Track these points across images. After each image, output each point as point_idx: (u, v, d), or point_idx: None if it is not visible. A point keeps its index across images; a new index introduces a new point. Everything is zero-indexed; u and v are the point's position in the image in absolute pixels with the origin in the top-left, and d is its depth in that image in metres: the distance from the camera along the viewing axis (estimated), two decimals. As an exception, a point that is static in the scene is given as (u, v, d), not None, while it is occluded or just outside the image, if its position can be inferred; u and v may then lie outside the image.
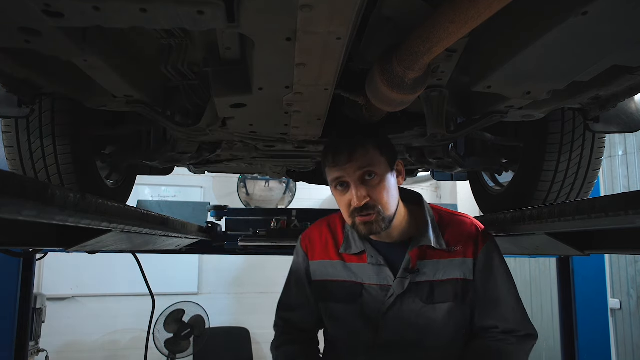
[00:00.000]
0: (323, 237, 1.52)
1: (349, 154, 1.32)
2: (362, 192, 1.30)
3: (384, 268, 1.40)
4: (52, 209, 0.83)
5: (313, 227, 1.59)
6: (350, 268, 1.43)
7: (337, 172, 1.34)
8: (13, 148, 1.63)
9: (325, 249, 1.49)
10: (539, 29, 0.88)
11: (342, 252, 1.45)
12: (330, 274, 1.46)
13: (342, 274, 1.44)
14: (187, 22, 0.80)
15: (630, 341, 4.27)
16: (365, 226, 1.32)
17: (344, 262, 1.45)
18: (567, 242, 1.28)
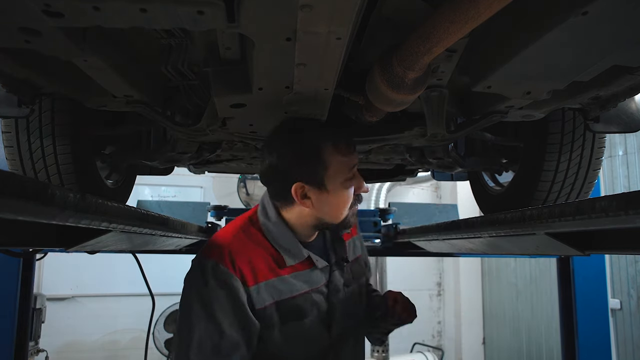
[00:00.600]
0: (258, 254, 1.24)
1: (353, 142, 1.29)
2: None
3: (326, 267, 1.36)
4: (52, 209, 0.83)
5: (229, 247, 1.23)
6: (301, 277, 1.29)
7: (353, 159, 1.26)
8: (13, 148, 1.63)
9: (268, 267, 1.24)
10: (539, 29, 0.88)
11: (289, 264, 1.27)
12: (284, 291, 1.25)
13: (298, 286, 1.27)
14: (187, 22, 0.80)
15: (631, 341, 4.27)
16: (355, 217, 1.32)
17: (294, 273, 1.28)
18: (567, 242, 1.28)
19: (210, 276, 1.18)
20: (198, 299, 1.18)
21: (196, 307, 1.17)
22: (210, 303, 1.17)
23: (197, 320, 1.16)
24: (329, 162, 1.22)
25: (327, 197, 1.24)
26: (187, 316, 1.18)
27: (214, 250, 1.23)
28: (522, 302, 5.89)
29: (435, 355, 5.65)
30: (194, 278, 1.21)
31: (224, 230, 1.35)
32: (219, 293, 1.17)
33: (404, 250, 3.04)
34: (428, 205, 4.61)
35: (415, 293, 7.24)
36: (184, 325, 1.18)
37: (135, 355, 5.70)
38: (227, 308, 1.17)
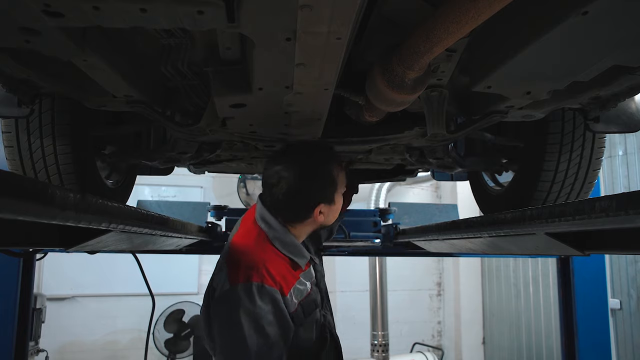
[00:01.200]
0: (282, 264, 1.39)
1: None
2: None
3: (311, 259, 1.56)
4: (52, 209, 0.83)
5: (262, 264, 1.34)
6: (307, 275, 1.48)
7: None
8: (13, 148, 1.63)
9: (290, 274, 1.40)
10: (539, 29, 0.88)
11: (302, 267, 1.45)
12: (302, 292, 1.43)
13: (307, 284, 1.46)
14: (187, 22, 0.80)
15: (630, 341, 4.27)
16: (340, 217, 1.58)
17: (302, 273, 1.46)
18: (567, 242, 1.28)
19: (257, 297, 1.28)
20: (249, 320, 1.26)
21: (247, 327, 1.26)
22: (261, 322, 1.27)
23: (251, 340, 1.25)
24: (337, 180, 1.44)
25: (335, 208, 1.47)
26: (238, 337, 1.26)
27: (252, 271, 1.32)
28: (522, 302, 5.89)
29: (435, 355, 5.65)
30: (238, 301, 1.28)
31: (246, 248, 1.42)
32: (266, 310, 1.28)
33: (404, 250, 3.04)
34: (428, 205, 4.61)
35: (415, 293, 7.26)
36: (236, 345, 1.27)
37: (135, 355, 5.69)
38: (274, 322, 1.29)
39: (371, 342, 5.26)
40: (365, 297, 5.69)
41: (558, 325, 3.29)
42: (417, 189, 7.09)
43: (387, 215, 3.21)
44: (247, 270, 1.32)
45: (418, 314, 6.99)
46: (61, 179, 1.66)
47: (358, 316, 6.27)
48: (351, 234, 3.00)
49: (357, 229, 3.05)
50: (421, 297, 7.09)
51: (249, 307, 1.27)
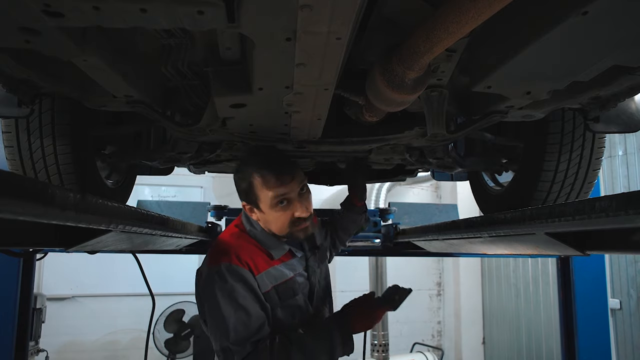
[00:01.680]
0: (255, 252, 1.57)
1: (291, 172, 1.52)
2: (305, 204, 1.56)
3: (303, 256, 1.72)
4: (52, 209, 0.83)
5: (233, 250, 1.54)
6: (288, 266, 1.63)
7: (282, 190, 1.50)
8: (13, 148, 1.63)
9: (265, 260, 1.57)
10: (539, 29, 0.88)
11: (277, 257, 1.61)
12: (278, 277, 1.57)
13: (286, 273, 1.60)
14: (187, 22, 0.80)
15: (630, 341, 4.27)
16: (303, 232, 1.58)
17: (282, 263, 1.62)
18: (567, 242, 1.28)
19: (227, 275, 1.46)
20: (222, 296, 1.44)
21: (223, 302, 1.44)
22: (234, 295, 1.44)
23: (228, 312, 1.43)
24: (258, 194, 1.51)
25: (265, 216, 1.56)
26: (218, 312, 1.44)
27: (222, 256, 1.51)
28: (522, 302, 5.89)
29: (435, 355, 5.65)
30: (214, 282, 1.46)
31: (222, 240, 1.63)
32: (237, 286, 1.45)
33: (404, 250, 3.04)
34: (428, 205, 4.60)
35: (415, 293, 7.23)
36: (217, 320, 1.45)
37: (135, 355, 5.70)
38: (246, 295, 1.46)
39: (371, 342, 5.26)
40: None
41: (558, 325, 3.29)
42: (417, 189, 7.10)
43: (387, 215, 3.21)
44: (219, 256, 1.52)
45: (418, 314, 6.99)
46: (61, 179, 1.66)
47: (358, 316, 6.25)
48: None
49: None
50: (421, 297, 7.09)
51: (221, 285, 1.45)
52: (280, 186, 1.50)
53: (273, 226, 1.58)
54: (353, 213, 2.10)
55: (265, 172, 1.50)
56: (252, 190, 1.52)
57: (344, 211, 2.11)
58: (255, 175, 1.51)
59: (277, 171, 1.50)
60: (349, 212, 2.10)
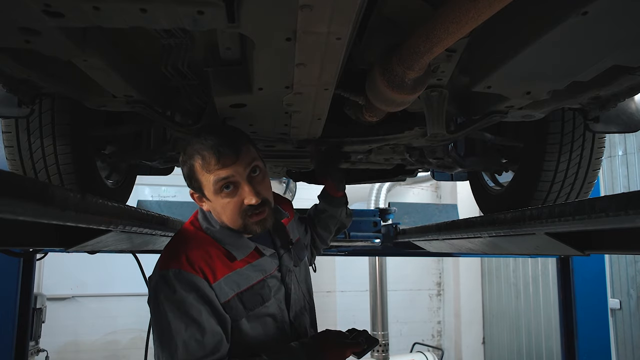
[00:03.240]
0: (212, 254, 1.31)
1: (235, 152, 1.25)
2: (257, 189, 1.29)
3: (274, 253, 1.45)
4: (52, 209, 0.83)
5: (184, 252, 1.29)
6: (255, 267, 1.37)
7: (224, 172, 1.25)
8: (13, 148, 1.63)
9: (223, 263, 1.31)
10: (539, 29, 0.88)
11: (239, 259, 1.34)
12: (241, 283, 1.33)
13: (253, 276, 1.36)
14: (187, 22, 0.80)
15: (630, 341, 4.27)
16: (259, 224, 1.32)
17: (247, 265, 1.36)
18: (567, 242, 1.28)
19: (176, 283, 1.22)
20: (171, 308, 1.20)
21: (171, 315, 1.20)
22: (184, 307, 1.21)
23: (177, 327, 1.19)
24: (200, 179, 1.28)
25: (213, 205, 1.32)
26: (166, 328, 1.20)
27: (171, 260, 1.26)
28: (522, 302, 5.89)
29: (435, 355, 5.65)
30: (160, 291, 1.23)
31: (173, 242, 1.37)
32: (189, 296, 1.21)
33: (404, 250, 3.04)
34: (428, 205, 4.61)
35: (415, 293, 7.26)
36: (164, 337, 1.21)
37: (135, 355, 5.70)
38: (200, 307, 1.22)
39: (371, 342, 5.26)
40: (365, 297, 5.70)
41: (558, 325, 3.29)
42: (417, 189, 7.10)
43: (387, 215, 3.21)
44: (168, 259, 1.27)
45: (418, 314, 6.99)
46: (61, 179, 1.66)
47: (358, 316, 6.27)
48: (351, 234, 3.00)
49: (357, 229, 3.04)
50: (421, 297, 7.10)
51: (168, 294, 1.21)
52: (221, 168, 1.25)
53: (224, 217, 1.33)
54: (331, 206, 1.85)
55: (205, 153, 1.25)
56: (194, 175, 1.29)
57: (322, 204, 1.87)
58: (196, 157, 1.26)
59: (218, 151, 1.25)
60: (327, 205, 1.85)
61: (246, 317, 1.31)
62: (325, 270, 6.49)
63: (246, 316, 1.31)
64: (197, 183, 1.29)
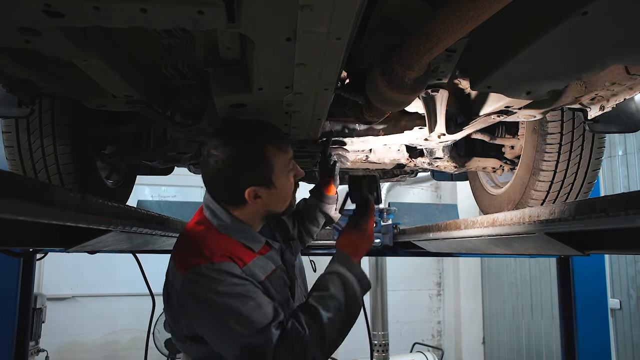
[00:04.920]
0: (232, 244, 1.31)
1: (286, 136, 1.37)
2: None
3: (279, 247, 1.46)
4: (52, 209, 0.83)
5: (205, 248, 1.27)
6: (269, 258, 1.38)
7: (290, 152, 1.34)
8: (13, 148, 1.63)
9: (245, 251, 1.32)
10: (539, 29, 0.88)
11: (256, 251, 1.35)
12: (267, 268, 1.34)
13: (270, 264, 1.37)
14: (187, 22, 0.80)
15: (630, 341, 4.27)
16: (294, 203, 1.42)
17: (262, 255, 1.37)
18: (567, 242, 1.28)
19: (213, 273, 1.20)
20: (218, 295, 1.18)
21: (222, 301, 1.18)
22: (231, 289, 1.19)
23: (233, 308, 1.17)
24: (274, 163, 1.29)
25: (276, 192, 1.33)
26: (219, 314, 1.19)
27: (195, 258, 1.24)
28: (522, 302, 5.89)
29: (435, 355, 5.65)
30: (197, 288, 1.21)
31: (186, 243, 1.36)
32: (231, 279, 1.20)
33: (404, 250, 3.04)
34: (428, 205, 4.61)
35: (415, 293, 7.26)
36: (222, 322, 1.18)
37: (135, 355, 5.69)
38: (245, 283, 1.22)
39: (371, 342, 5.26)
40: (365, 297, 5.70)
41: (558, 325, 3.28)
42: (417, 189, 7.10)
43: (387, 215, 3.21)
44: (190, 259, 1.25)
45: (418, 314, 6.99)
46: (61, 179, 1.66)
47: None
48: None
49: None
50: (421, 297, 7.09)
51: (210, 286, 1.19)
52: (288, 145, 1.33)
53: (279, 203, 1.36)
54: (324, 202, 1.80)
55: (275, 135, 1.31)
56: (266, 163, 1.29)
57: (313, 200, 1.82)
58: (267, 145, 1.28)
59: (277, 132, 1.33)
60: (319, 200, 1.80)
61: (277, 299, 1.30)
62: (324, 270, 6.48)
63: (277, 299, 1.30)
64: (269, 169, 1.29)
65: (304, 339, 1.17)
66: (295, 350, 1.16)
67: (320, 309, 1.22)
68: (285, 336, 1.17)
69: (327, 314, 1.22)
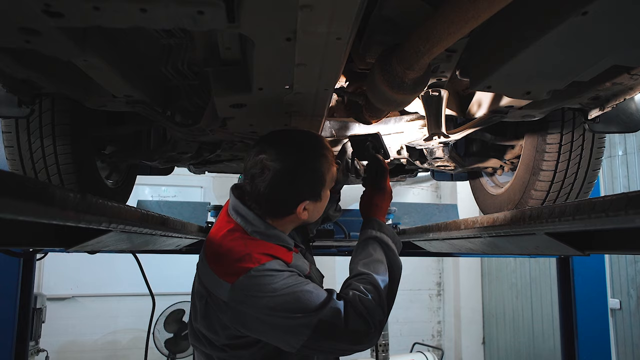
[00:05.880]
0: (270, 247, 1.31)
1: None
2: None
3: (303, 249, 1.50)
4: (52, 209, 0.83)
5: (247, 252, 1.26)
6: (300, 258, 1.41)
7: (336, 165, 1.37)
8: (13, 148, 1.63)
9: (284, 251, 1.33)
10: (539, 29, 0.88)
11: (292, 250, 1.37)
12: (305, 264, 1.39)
13: (306, 266, 1.40)
14: (187, 22, 0.80)
15: (630, 341, 4.27)
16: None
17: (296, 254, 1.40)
18: (567, 242, 1.28)
19: (265, 272, 1.21)
20: (273, 289, 1.19)
21: (278, 293, 1.19)
22: (285, 281, 1.21)
23: (291, 295, 1.19)
24: (326, 177, 1.32)
25: (320, 205, 1.36)
26: (280, 305, 1.18)
27: (241, 264, 1.23)
28: (522, 302, 5.89)
29: (435, 355, 5.65)
30: (252, 292, 1.20)
31: (227, 253, 1.31)
32: (281, 274, 1.22)
33: (404, 250, 3.03)
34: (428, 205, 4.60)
35: (415, 293, 7.26)
36: (283, 313, 1.19)
37: (135, 355, 5.70)
38: (294, 275, 1.24)
39: (371, 342, 5.26)
40: (365, 297, 5.70)
41: (558, 325, 3.28)
42: (417, 189, 7.10)
43: (387, 215, 3.21)
44: (235, 266, 1.24)
45: (418, 314, 6.99)
46: (61, 179, 1.66)
47: (358, 316, 6.25)
48: (351, 234, 3.00)
49: (357, 229, 3.04)
50: (421, 297, 7.09)
51: (262, 282, 1.19)
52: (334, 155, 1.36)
53: (317, 215, 1.38)
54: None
55: (325, 149, 1.31)
56: (320, 178, 1.30)
57: None
58: (322, 159, 1.30)
59: (327, 142, 1.35)
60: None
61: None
62: (325, 270, 6.47)
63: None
64: (322, 184, 1.31)
65: (368, 302, 1.22)
66: (363, 314, 1.20)
67: (372, 274, 1.28)
68: (350, 303, 1.20)
69: (379, 276, 1.29)
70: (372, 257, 1.33)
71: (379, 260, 1.33)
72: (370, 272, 1.29)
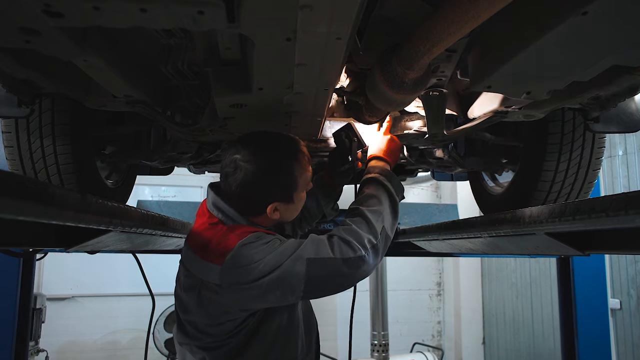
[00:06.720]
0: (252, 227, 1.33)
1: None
2: None
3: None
4: (52, 209, 0.83)
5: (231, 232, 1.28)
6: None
7: (311, 169, 1.40)
8: (13, 148, 1.63)
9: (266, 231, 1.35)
10: (539, 29, 0.88)
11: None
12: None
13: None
14: (187, 22, 0.80)
15: (630, 341, 4.27)
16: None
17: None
18: (567, 242, 1.28)
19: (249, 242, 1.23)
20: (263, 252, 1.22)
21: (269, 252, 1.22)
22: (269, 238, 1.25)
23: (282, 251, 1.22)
24: (298, 180, 1.34)
25: (292, 207, 1.38)
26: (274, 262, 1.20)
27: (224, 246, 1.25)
28: (522, 302, 5.89)
29: (435, 355, 5.65)
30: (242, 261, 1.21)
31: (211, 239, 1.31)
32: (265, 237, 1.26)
33: (404, 250, 3.04)
34: (428, 205, 4.60)
35: (415, 293, 7.26)
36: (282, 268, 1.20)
37: (135, 355, 5.69)
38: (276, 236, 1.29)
39: (371, 342, 5.25)
40: (365, 297, 5.68)
41: (558, 325, 3.28)
42: (417, 189, 7.10)
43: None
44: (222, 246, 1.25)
45: (418, 314, 6.98)
46: (61, 179, 1.66)
47: (358, 316, 6.25)
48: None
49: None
50: (421, 297, 7.09)
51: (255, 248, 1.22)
52: (310, 162, 1.39)
53: (291, 216, 1.42)
54: (325, 197, 1.74)
55: (299, 153, 1.33)
56: (292, 181, 1.32)
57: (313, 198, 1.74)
58: (294, 163, 1.32)
59: (304, 146, 1.37)
60: (320, 194, 1.73)
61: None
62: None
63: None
64: (294, 187, 1.33)
65: (350, 228, 1.27)
66: (347, 239, 1.24)
67: (360, 207, 1.33)
68: (333, 235, 1.26)
69: (369, 208, 1.32)
70: (364, 194, 1.39)
71: (371, 194, 1.37)
72: (358, 206, 1.34)
